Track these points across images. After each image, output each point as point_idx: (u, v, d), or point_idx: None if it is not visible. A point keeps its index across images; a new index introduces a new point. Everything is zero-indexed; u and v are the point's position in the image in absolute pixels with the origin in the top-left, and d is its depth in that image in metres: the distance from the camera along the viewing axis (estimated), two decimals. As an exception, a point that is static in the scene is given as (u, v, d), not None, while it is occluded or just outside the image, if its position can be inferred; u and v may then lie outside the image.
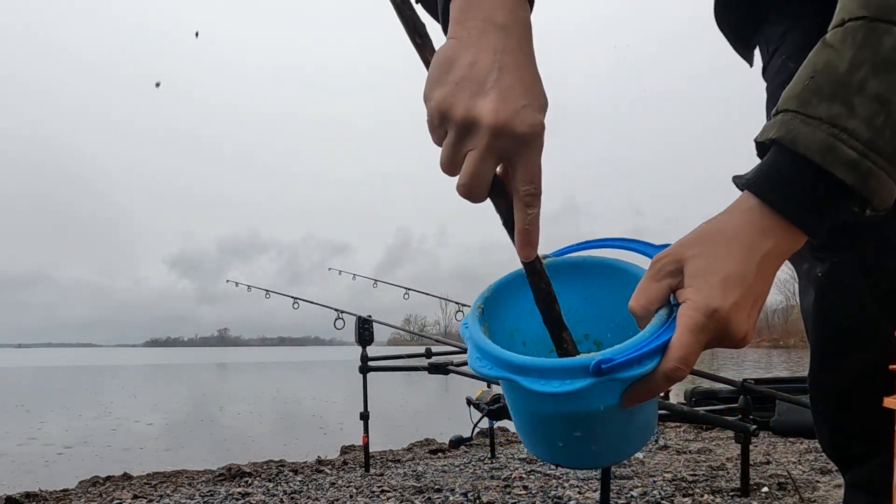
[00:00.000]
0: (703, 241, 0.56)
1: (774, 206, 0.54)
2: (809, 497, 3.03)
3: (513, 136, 0.52)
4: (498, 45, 0.53)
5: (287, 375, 23.69)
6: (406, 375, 4.25)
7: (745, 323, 0.55)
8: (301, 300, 4.97)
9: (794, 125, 0.53)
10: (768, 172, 0.55)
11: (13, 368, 33.62)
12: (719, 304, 0.53)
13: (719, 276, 0.54)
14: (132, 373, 27.40)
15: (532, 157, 0.54)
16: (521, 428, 0.68)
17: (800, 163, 0.53)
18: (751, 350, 50.48)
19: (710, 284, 0.54)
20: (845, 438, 0.75)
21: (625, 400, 0.57)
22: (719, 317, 0.53)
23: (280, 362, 40.37)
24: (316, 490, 3.45)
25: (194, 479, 4.07)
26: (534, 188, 0.55)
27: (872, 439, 0.71)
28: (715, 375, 3.63)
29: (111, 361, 45.23)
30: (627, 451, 0.68)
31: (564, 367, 0.55)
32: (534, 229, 0.57)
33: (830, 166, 0.51)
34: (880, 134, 0.51)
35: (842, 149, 0.51)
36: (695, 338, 0.54)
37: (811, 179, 0.53)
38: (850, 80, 0.52)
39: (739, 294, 0.54)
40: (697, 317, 0.54)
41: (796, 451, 4.31)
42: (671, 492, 3.12)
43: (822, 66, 0.53)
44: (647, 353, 0.55)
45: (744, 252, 0.54)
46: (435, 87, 0.54)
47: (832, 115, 0.52)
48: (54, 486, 4.05)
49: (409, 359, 3.97)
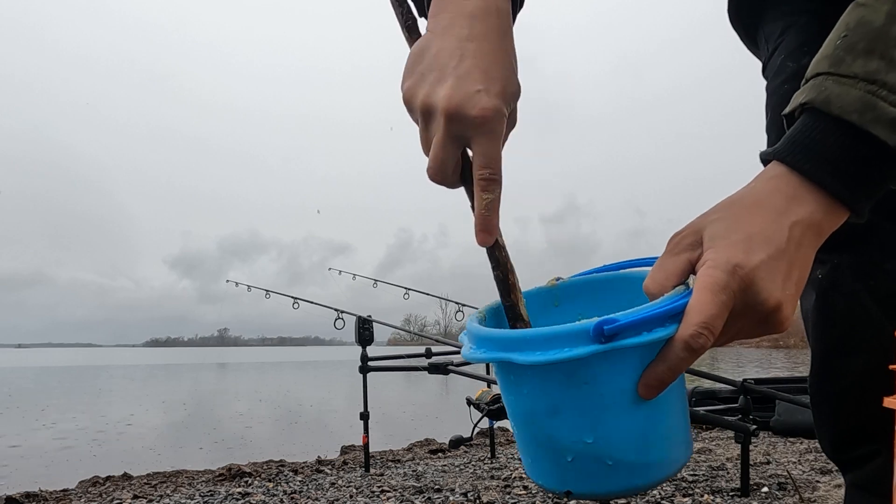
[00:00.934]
0: (724, 207, 0.50)
1: (805, 172, 0.48)
2: (809, 497, 3.03)
3: (464, 120, 0.52)
4: (463, 34, 0.54)
5: (287, 375, 23.68)
6: (406, 375, 4.25)
7: (777, 289, 0.47)
8: (301, 300, 4.97)
9: (827, 85, 0.48)
10: (797, 138, 0.49)
11: (13, 368, 33.60)
12: (741, 259, 0.47)
13: (742, 234, 0.48)
14: (132, 373, 27.40)
15: (488, 141, 0.53)
16: (523, 442, 0.58)
17: (834, 125, 0.48)
18: (751, 350, 50.46)
19: (732, 242, 0.48)
20: (846, 440, 0.74)
21: (642, 385, 0.49)
22: (742, 273, 0.46)
23: (280, 362, 40.36)
24: (316, 490, 3.45)
25: (194, 479, 4.07)
26: (489, 172, 0.54)
27: (874, 441, 0.71)
28: (715, 375, 3.63)
29: (111, 361, 45.21)
30: (657, 467, 0.54)
31: (560, 334, 0.48)
32: (490, 214, 0.55)
33: (869, 125, 0.46)
34: None
35: (882, 106, 0.46)
36: (716, 297, 0.46)
37: (847, 142, 0.47)
38: (888, 32, 0.47)
39: (766, 254, 0.47)
40: (716, 274, 0.47)
41: (796, 451, 4.31)
42: (671, 492, 3.12)
43: (855, 24, 0.49)
44: (659, 318, 0.47)
45: (771, 215, 0.48)
46: (405, 79, 0.56)
47: (869, 70, 0.47)
48: (54, 486, 4.05)
49: (409, 359, 3.97)
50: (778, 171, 0.50)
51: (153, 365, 37.28)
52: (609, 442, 0.51)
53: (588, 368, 0.49)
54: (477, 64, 0.53)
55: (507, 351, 0.51)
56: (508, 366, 0.53)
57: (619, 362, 0.49)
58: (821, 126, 0.48)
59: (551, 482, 0.55)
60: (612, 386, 0.50)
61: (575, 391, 0.50)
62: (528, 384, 0.53)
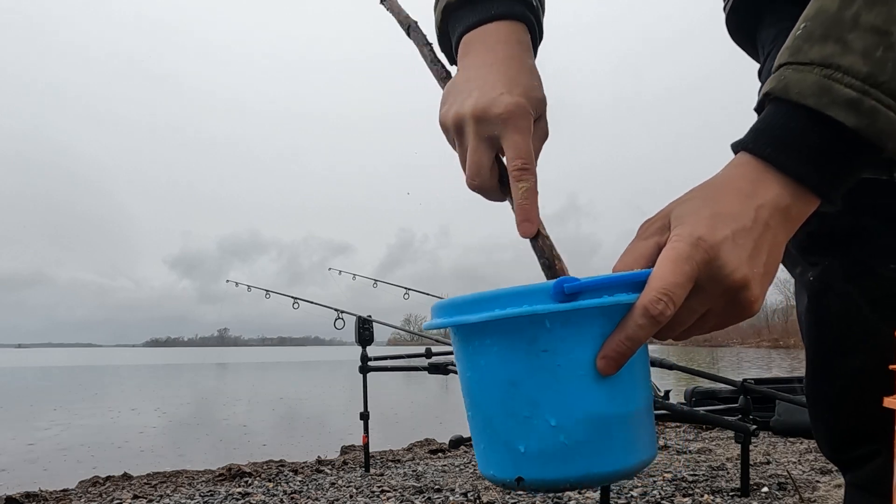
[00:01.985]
0: (691, 193, 0.51)
1: (767, 157, 0.49)
2: (809, 497, 3.03)
3: (491, 118, 0.57)
4: (487, 60, 0.61)
5: (287, 375, 23.69)
6: (406, 375, 4.25)
7: (743, 264, 0.47)
8: (301, 300, 4.97)
9: (786, 74, 0.49)
10: (760, 127, 0.50)
11: (13, 368, 33.62)
12: (704, 233, 0.47)
13: (708, 212, 0.48)
14: (132, 373, 27.41)
15: (516, 135, 0.57)
16: (476, 426, 0.54)
17: (793, 111, 0.48)
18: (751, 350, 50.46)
19: (697, 218, 0.48)
20: (844, 442, 0.74)
21: (601, 357, 0.48)
22: (705, 246, 0.46)
23: (280, 362, 40.38)
24: (316, 490, 3.45)
25: (194, 479, 4.07)
26: (522, 162, 0.57)
27: (873, 441, 0.71)
28: (715, 375, 3.63)
29: (111, 361, 45.24)
30: (617, 456, 0.50)
31: (519, 292, 0.47)
32: (529, 204, 0.57)
33: (826, 108, 0.47)
34: (881, 67, 0.46)
35: (837, 88, 0.47)
36: (677, 266, 0.46)
37: (808, 126, 0.48)
38: (842, 17, 0.48)
39: (731, 230, 0.47)
40: (680, 245, 0.47)
41: (796, 451, 4.31)
42: (671, 492, 3.12)
43: (813, 13, 0.50)
44: (622, 283, 0.47)
45: (738, 197, 0.49)
46: (440, 110, 0.62)
47: (825, 55, 0.48)
48: (54, 486, 4.05)
49: (409, 359, 3.98)
50: (744, 159, 0.51)
51: (153, 365, 37.29)
52: (567, 419, 0.49)
53: (548, 334, 0.48)
54: (500, 77, 0.59)
55: (464, 314, 0.50)
56: (467, 336, 0.52)
57: (580, 329, 0.48)
58: (781, 112, 0.49)
59: (504, 470, 0.52)
60: (572, 356, 0.48)
61: (534, 360, 0.48)
62: (485, 354, 0.51)
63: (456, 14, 0.65)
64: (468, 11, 0.64)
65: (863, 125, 0.46)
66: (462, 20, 0.64)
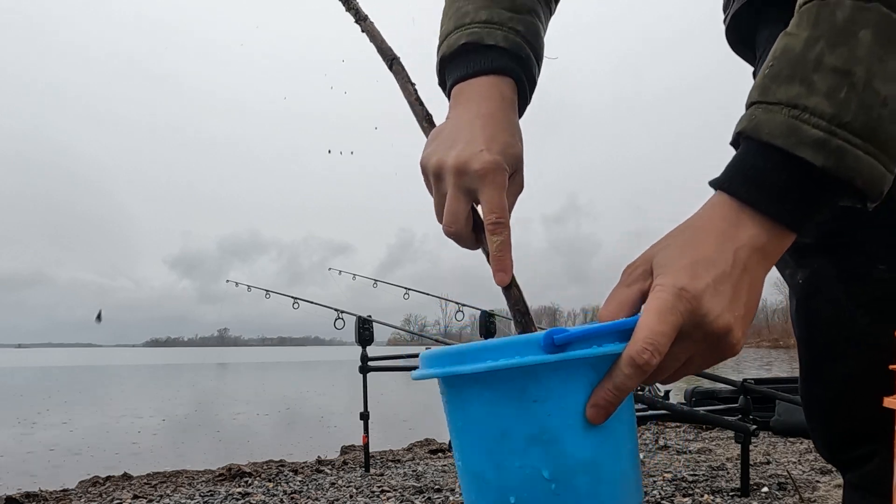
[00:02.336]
0: (673, 236, 0.53)
1: (742, 197, 0.50)
2: (809, 497, 3.03)
3: (470, 172, 0.61)
4: (472, 113, 0.65)
5: (287, 375, 23.69)
6: (406, 375, 4.25)
7: (725, 311, 0.49)
8: (301, 300, 4.97)
9: (757, 114, 0.51)
10: (734, 165, 0.52)
11: (13, 368, 33.62)
12: (687, 283, 0.48)
13: (688, 260, 0.50)
14: (132, 373, 27.41)
15: (492, 190, 0.61)
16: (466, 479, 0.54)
17: (765, 150, 0.50)
18: (751, 350, 50.45)
19: (678, 267, 0.50)
20: (840, 443, 0.75)
21: (590, 406, 0.49)
22: (688, 296, 0.48)
23: (280, 362, 40.39)
24: (316, 490, 3.45)
25: (194, 479, 4.07)
26: (496, 217, 0.61)
27: (868, 442, 0.71)
28: (715, 375, 3.63)
29: (111, 361, 45.24)
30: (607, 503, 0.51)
31: (510, 344, 0.48)
32: (504, 255, 0.61)
33: (795, 149, 0.48)
34: (845, 107, 0.47)
35: (804, 129, 0.48)
36: (662, 318, 0.48)
37: (779, 166, 0.49)
38: (806, 57, 0.49)
39: (712, 277, 0.49)
40: (663, 296, 0.48)
41: (796, 451, 4.31)
42: (671, 492, 3.12)
43: (780, 52, 0.51)
44: (610, 332, 0.49)
45: (716, 240, 0.50)
46: (424, 151, 0.66)
47: (791, 96, 0.49)
48: (54, 486, 4.05)
49: (408, 359, 3.98)
50: (719, 198, 0.52)
51: (153, 365, 37.30)
52: (558, 469, 0.49)
53: (538, 383, 0.49)
54: (482, 133, 0.63)
55: (454, 364, 0.50)
56: (457, 386, 0.52)
57: (569, 379, 0.49)
58: (752, 152, 0.51)
59: None
60: (563, 405, 0.49)
61: (525, 410, 0.49)
62: (475, 404, 0.51)
63: (450, 65, 0.70)
64: (460, 64, 0.69)
65: (831, 164, 0.48)
66: (454, 72, 0.70)
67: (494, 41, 0.68)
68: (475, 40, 0.68)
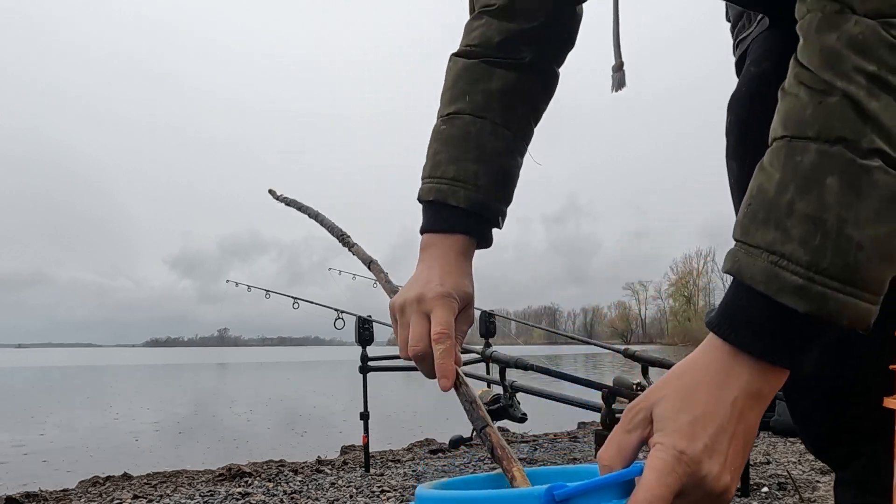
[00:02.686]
0: (671, 384, 0.53)
1: (735, 343, 0.51)
2: (809, 497, 3.03)
3: (426, 300, 0.73)
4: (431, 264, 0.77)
5: (287, 375, 23.70)
6: (406, 375, 4.26)
7: (723, 471, 0.50)
8: (301, 300, 4.96)
9: (739, 256, 0.51)
10: (726, 308, 0.52)
11: (13, 368, 33.64)
12: (686, 446, 0.49)
13: (686, 419, 0.51)
14: (132, 373, 27.43)
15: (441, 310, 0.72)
16: None
17: (751, 294, 0.50)
18: (751, 350, 50.21)
19: (677, 426, 0.51)
20: (823, 441, 0.76)
21: None
22: (687, 460, 0.49)
23: (280, 362, 40.41)
24: (316, 490, 3.45)
25: (194, 479, 4.07)
26: (440, 329, 0.71)
27: (850, 440, 0.72)
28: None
29: (111, 361, 45.27)
30: None
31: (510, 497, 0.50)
32: (445, 362, 0.70)
33: (776, 295, 0.48)
34: (820, 255, 0.47)
35: (784, 276, 0.48)
36: (662, 479, 0.49)
37: (767, 311, 0.49)
38: (779, 202, 0.49)
39: (710, 436, 0.50)
40: (665, 457, 0.50)
41: (796, 451, 4.31)
42: (671, 492, 3.13)
43: (756, 191, 0.52)
44: (608, 487, 0.50)
45: (712, 392, 0.51)
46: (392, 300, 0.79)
47: (768, 241, 0.49)
48: (54, 486, 4.06)
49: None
50: (712, 343, 0.53)
51: (153, 365, 37.32)
52: None
53: None
54: (437, 275, 0.75)
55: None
56: None
57: None
58: (740, 294, 0.51)
59: None
60: None
61: None
62: None
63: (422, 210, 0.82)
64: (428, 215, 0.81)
65: (814, 309, 0.48)
66: (424, 219, 0.81)
67: (457, 202, 0.78)
68: (440, 199, 0.79)
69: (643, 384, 3.21)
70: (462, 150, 0.79)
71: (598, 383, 2.54)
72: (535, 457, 4.31)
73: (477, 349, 3.58)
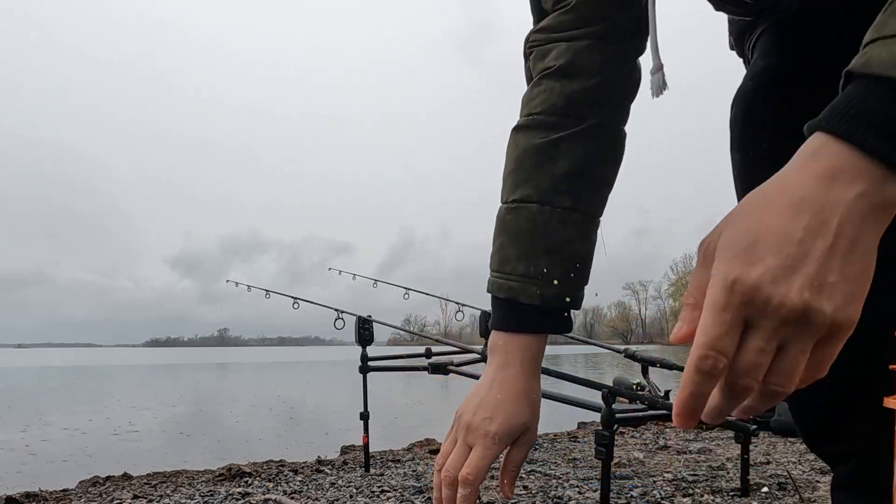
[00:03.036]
0: (743, 206, 0.45)
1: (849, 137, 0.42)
2: (809, 497, 3.03)
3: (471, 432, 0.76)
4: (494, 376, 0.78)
5: (287, 375, 23.70)
6: (406, 375, 4.25)
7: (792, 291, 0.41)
8: (301, 300, 4.96)
9: (869, 50, 0.44)
10: (837, 106, 0.44)
11: (13, 368, 33.63)
12: (739, 273, 0.42)
13: (746, 242, 0.43)
14: (132, 373, 27.42)
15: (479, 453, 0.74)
16: None
17: (877, 86, 0.43)
18: (751, 350, 50.14)
19: (733, 253, 0.43)
20: (815, 436, 0.76)
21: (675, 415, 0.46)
22: (742, 289, 0.42)
23: (280, 362, 40.39)
24: (316, 490, 3.45)
25: (194, 479, 4.07)
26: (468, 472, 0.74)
27: (841, 439, 0.72)
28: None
29: (111, 361, 45.26)
30: None
31: None
32: None
33: None
34: None
35: None
36: (716, 317, 0.43)
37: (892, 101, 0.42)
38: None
39: (775, 259, 0.42)
40: (716, 292, 0.43)
41: (796, 451, 4.31)
42: (671, 492, 3.12)
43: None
44: None
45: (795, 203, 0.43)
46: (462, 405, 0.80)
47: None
48: (54, 486, 4.05)
49: (408, 359, 3.97)
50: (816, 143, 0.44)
51: (153, 365, 37.30)
52: None
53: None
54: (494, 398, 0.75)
55: None
56: None
57: None
58: (862, 90, 0.44)
59: None
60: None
61: None
62: None
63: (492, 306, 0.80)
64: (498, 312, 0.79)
65: None
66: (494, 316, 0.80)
67: (529, 300, 0.76)
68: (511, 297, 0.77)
69: (643, 384, 3.21)
70: (530, 244, 0.76)
71: (598, 383, 2.55)
72: (535, 457, 4.31)
73: (477, 349, 3.58)
